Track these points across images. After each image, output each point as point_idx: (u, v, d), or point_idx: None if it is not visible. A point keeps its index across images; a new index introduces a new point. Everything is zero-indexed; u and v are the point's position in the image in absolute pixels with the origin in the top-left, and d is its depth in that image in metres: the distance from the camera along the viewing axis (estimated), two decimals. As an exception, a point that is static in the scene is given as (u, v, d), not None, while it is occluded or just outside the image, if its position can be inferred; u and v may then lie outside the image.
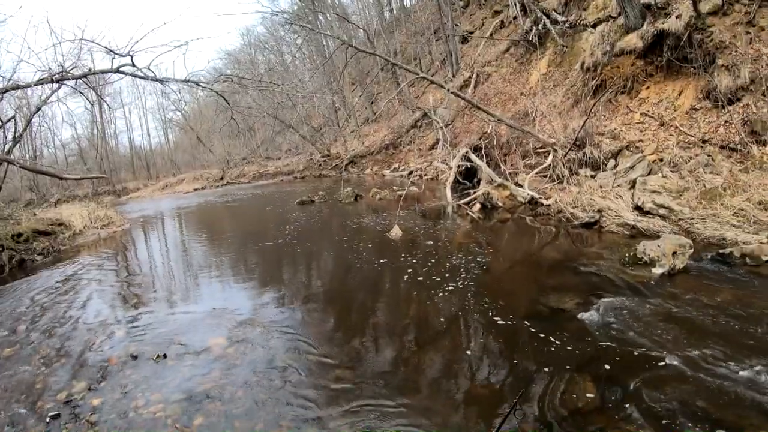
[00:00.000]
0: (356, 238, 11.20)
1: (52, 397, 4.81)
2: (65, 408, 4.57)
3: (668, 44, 12.20)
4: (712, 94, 11.07)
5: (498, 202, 12.11)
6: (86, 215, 17.88)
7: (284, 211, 17.30)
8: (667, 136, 11.53)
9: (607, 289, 6.10)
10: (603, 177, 11.15)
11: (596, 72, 14.59)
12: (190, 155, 61.67)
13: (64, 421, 4.36)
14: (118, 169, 55.45)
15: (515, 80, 22.57)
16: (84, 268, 11.18)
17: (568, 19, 19.50)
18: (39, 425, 4.35)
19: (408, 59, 37.23)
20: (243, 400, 4.40)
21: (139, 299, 8.25)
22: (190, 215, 22.49)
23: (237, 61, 61.56)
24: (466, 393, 4.21)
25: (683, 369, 4.12)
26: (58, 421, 4.37)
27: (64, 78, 11.48)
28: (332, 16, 41.25)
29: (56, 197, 34.60)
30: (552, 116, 15.39)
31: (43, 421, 4.39)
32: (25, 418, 4.50)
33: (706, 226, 7.73)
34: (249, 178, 41.94)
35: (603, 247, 7.98)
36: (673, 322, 5.00)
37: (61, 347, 6.27)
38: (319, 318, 6.58)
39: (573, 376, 4.19)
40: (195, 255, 12.19)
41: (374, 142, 32.74)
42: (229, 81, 19.31)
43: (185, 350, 5.66)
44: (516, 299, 6.23)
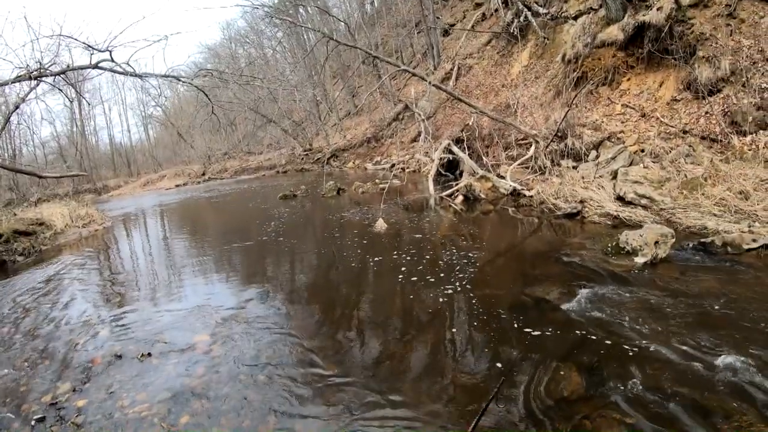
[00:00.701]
0: (339, 231, 11.15)
1: (37, 400, 4.74)
2: (50, 410, 4.51)
3: (649, 36, 12.24)
4: (692, 86, 11.13)
5: (480, 194, 12.10)
6: (67, 214, 17.63)
7: (267, 206, 17.21)
8: (648, 127, 11.58)
9: (590, 279, 6.11)
10: (585, 168, 11.16)
11: (577, 64, 14.61)
12: (171, 151, 61.21)
13: (49, 423, 4.30)
14: (98, 167, 55.00)
15: (497, 72, 22.57)
16: (66, 268, 11.03)
17: (550, 11, 19.49)
18: (25, 429, 4.29)
19: (389, 52, 37.15)
20: (229, 397, 4.36)
21: (123, 298, 8.16)
22: (172, 212, 22.32)
23: (217, 56, 61.27)
24: (452, 384, 4.18)
25: (666, 356, 4.13)
26: (43, 424, 4.31)
27: (43, 75, 11.26)
28: (313, 9, 40.99)
29: (36, 196, 34.07)
30: (534, 108, 15.41)
31: (28, 425, 4.33)
32: (11, 421, 4.43)
33: (687, 216, 7.77)
34: (231, 173, 41.73)
35: (585, 237, 7.99)
36: (655, 310, 5.01)
37: (45, 349, 6.17)
38: (304, 312, 6.51)
39: (557, 365, 4.18)
40: (177, 252, 12.07)
41: (356, 136, 32.66)
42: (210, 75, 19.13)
43: (170, 348, 5.60)
44: (500, 290, 6.20)
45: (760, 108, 9.53)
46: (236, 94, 34.67)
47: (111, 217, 20.54)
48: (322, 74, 40.88)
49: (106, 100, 70.72)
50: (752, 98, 9.73)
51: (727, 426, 3.29)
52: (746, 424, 3.28)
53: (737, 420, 3.32)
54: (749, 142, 9.36)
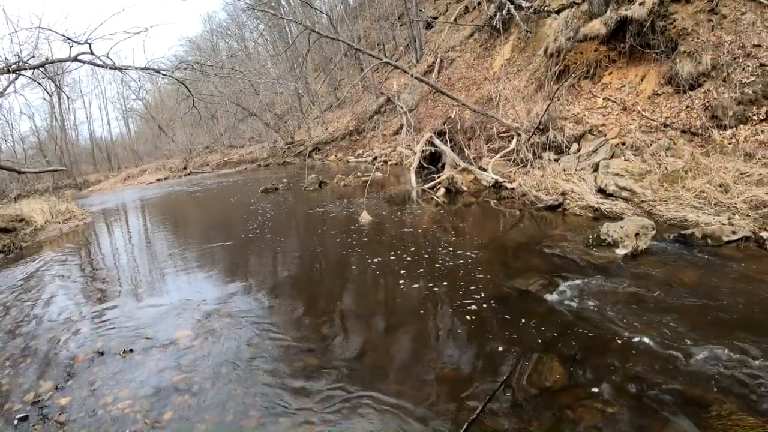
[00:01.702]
0: (322, 225, 11.09)
1: (20, 399, 4.68)
2: (33, 409, 4.47)
3: (631, 30, 12.29)
4: (674, 80, 11.19)
5: (462, 187, 12.10)
6: (47, 210, 17.44)
7: (248, 200, 17.06)
8: (629, 121, 11.62)
9: (571, 271, 6.11)
10: (566, 160, 11.18)
11: (560, 57, 14.64)
12: (152, 145, 60.64)
13: (32, 422, 4.26)
14: (78, 162, 54.05)
15: (479, 65, 22.58)
16: (47, 265, 10.85)
17: (532, 5, 19.52)
18: (7, 428, 4.25)
19: (372, 45, 37.03)
20: (212, 392, 4.34)
21: (104, 294, 8.05)
22: (153, 206, 22.08)
23: (198, 48, 60.73)
24: (435, 376, 4.17)
25: (647, 346, 4.16)
26: (26, 422, 4.27)
27: (21, 68, 11.09)
28: (295, 1, 40.81)
29: (16, 192, 33.57)
30: (516, 101, 15.42)
31: (11, 424, 4.29)
32: None
33: (668, 208, 7.80)
34: (212, 166, 41.35)
35: (567, 229, 7.99)
36: (636, 301, 5.04)
37: (27, 347, 6.08)
38: (287, 306, 6.45)
39: (540, 356, 4.19)
40: (159, 247, 11.91)
41: (338, 129, 32.56)
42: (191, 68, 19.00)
43: (152, 344, 5.55)
44: (482, 282, 6.17)
45: (740, 102, 9.59)
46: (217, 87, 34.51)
47: (92, 213, 20.30)
48: (304, 67, 40.65)
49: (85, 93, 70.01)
50: (733, 93, 9.79)
51: (707, 414, 3.31)
52: (726, 412, 3.31)
53: (717, 408, 3.35)
54: (729, 135, 9.43)
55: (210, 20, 61.86)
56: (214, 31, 61.06)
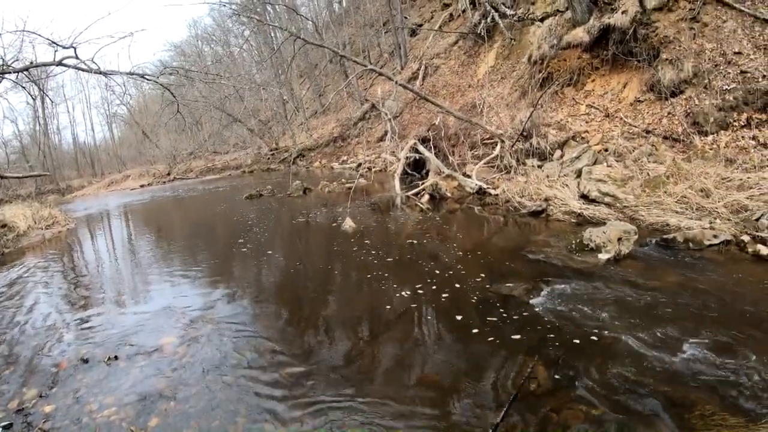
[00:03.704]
0: (306, 231, 11.08)
1: (3, 406, 4.60)
2: (17, 417, 4.39)
3: (614, 38, 12.42)
4: (655, 87, 11.31)
5: (446, 193, 12.11)
6: (30, 216, 17.15)
7: (233, 206, 16.99)
8: (612, 127, 11.72)
9: (555, 275, 6.13)
10: (550, 167, 11.23)
11: (543, 65, 14.76)
12: (135, 150, 60.13)
13: (17, 430, 4.21)
14: (61, 167, 53.52)
15: (463, 72, 22.69)
16: (30, 271, 10.69)
17: (517, 13, 19.66)
18: None
19: (357, 51, 37.08)
20: (198, 399, 4.29)
21: (88, 301, 7.94)
22: (137, 212, 21.93)
23: (183, 53, 60.63)
24: (420, 382, 4.17)
25: (631, 349, 4.20)
26: (10, 430, 4.21)
27: (5, 72, 10.98)
28: (281, 7, 40.69)
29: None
30: (499, 108, 15.52)
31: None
32: None
33: (650, 213, 7.85)
34: (196, 173, 41.13)
35: (550, 234, 8.02)
36: (619, 304, 5.07)
37: (10, 354, 5.98)
38: (272, 313, 6.43)
39: (525, 360, 4.20)
40: (143, 254, 11.80)
41: (323, 135, 32.53)
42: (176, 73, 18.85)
43: (137, 351, 5.47)
44: (466, 287, 6.16)
45: (721, 109, 9.70)
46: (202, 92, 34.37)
47: (75, 219, 20.06)
48: (288, 73, 40.59)
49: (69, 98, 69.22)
50: (714, 99, 9.90)
51: (690, 414, 3.34)
52: (709, 412, 3.34)
53: (700, 408, 3.39)
54: (710, 141, 9.54)
55: (195, 25, 61.79)
56: (200, 37, 61.10)
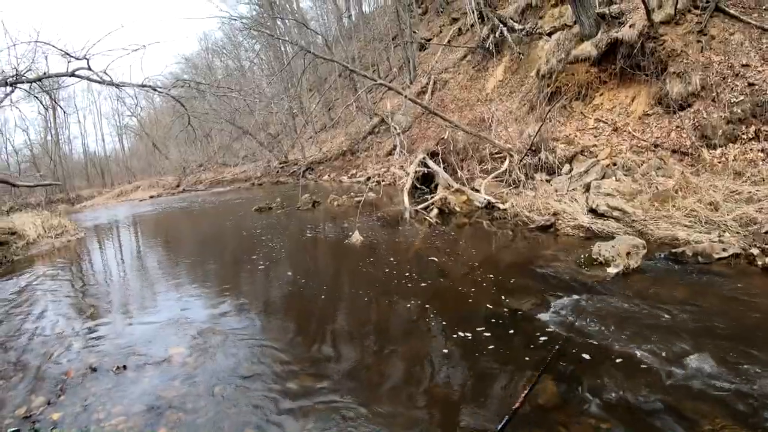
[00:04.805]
0: (315, 244, 11.10)
1: (11, 413, 4.61)
2: (24, 424, 4.38)
3: (622, 52, 12.44)
4: (664, 101, 11.32)
5: (455, 207, 12.11)
6: (40, 224, 17.29)
7: (242, 219, 17.08)
8: (620, 141, 11.73)
9: (563, 290, 6.12)
10: (558, 181, 11.25)
11: (551, 79, 14.80)
12: (145, 162, 60.62)
13: None
14: (72, 176, 53.93)
15: (472, 87, 22.77)
16: (38, 279, 10.77)
17: (525, 27, 19.77)
18: None
19: (366, 66, 37.26)
20: (206, 410, 4.29)
21: (97, 310, 7.96)
22: (146, 223, 22.03)
23: (194, 66, 61.05)
24: (428, 395, 4.16)
25: (640, 363, 4.17)
26: None
27: (18, 81, 11.11)
28: (291, 21, 41.09)
29: (8, 205, 33.44)
30: (508, 122, 15.55)
31: None
32: None
33: (658, 227, 7.83)
34: (206, 185, 41.38)
35: (559, 249, 8.02)
36: (628, 319, 5.05)
37: (18, 361, 6.01)
38: (280, 326, 6.44)
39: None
40: (152, 264, 11.88)
41: (332, 149, 32.65)
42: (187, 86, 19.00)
43: (145, 361, 5.48)
44: (475, 302, 6.17)
45: (729, 122, 9.70)
46: (212, 105, 34.59)
47: (84, 228, 20.14)
48: (298, 87, 40.83)
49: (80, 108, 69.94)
50: (722, 112, 9.90)
51: (699, 429, 3.33)
52: (718, 426, 3.33)
53: (710, 423, 3.37)
54: (719, 155, 9.53)
55: (206, 39, 62.28)
56: (210, 50, 61.59)
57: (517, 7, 21.37)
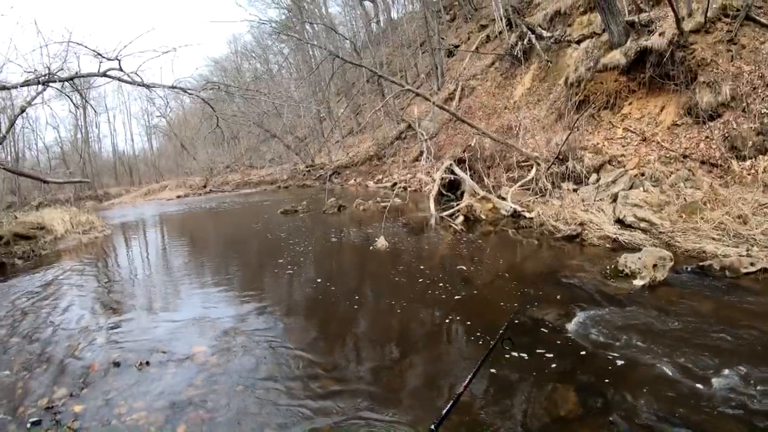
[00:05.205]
0: (339, 248, 11.20)
1: (33, 403, 4.71)
2: (46, 414, 4.47)
3: (651, 61, 12.39)
4: (693, 111, 11.24)
5: (481, 215, 12.11)
6: (68, 220, 17.62)
7: (267, 221, 17.23)
8: (648, 151, 11.67)
9: (588, 301, 6.11)
10: (585, 191, 11.22)
11: (580, 87, 14.76)
12: (173, 162, 61.23)
13: (45, 427, 4.28)
14: (100, 174, 54.72)
15: (500, 94, 22.75)
16: (65, 274, 11.03)
17: (553, 35, 19.72)
18: (19, 431, 4.29)
19: (394, 71, 37.35)
20: (227, 409, 4.33)
21: (121, 306, 8.15)
22: (172, 222, 22.32)
23: (223, 69, 61.67)
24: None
25: (664, 377, 4.14)
26: (39, 427, 4.29)
27: (51, 80, 11.31)
28: (320, 26, 41.35)
29: (38, 201, 34.08)
30: (535, 130, 15.52)
31: (23, 427, 4.29)
32: (5, 423, 4.41)
33: (686, 239, 7.80)
34: (232, 186, 41.72)
35: (585, 259, 8.01)
36: (653, 331, 5.01)
37: (42, 353, 6.14)
38: (303, 328, 6.51)
39: (555, 386, 4.17)
40: (177, 263, 12.08)
41: (358, 153, 32.73)
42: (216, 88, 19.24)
43: (168, 358, 5.56)
44: (498, 310, 6.21)
45: (759, 133, 9.62)
46: (241, 108, 34.90)
47: (111, 225, 20.47)
48: (327, 91, 41.06)
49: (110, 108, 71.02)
50: (752, 123, 9.82)
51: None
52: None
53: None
54: (748, 166, 9.45)
55: (235, 42, 62.72)
56: (239, 53, 62.19)
57: (545, 15, 21.30)
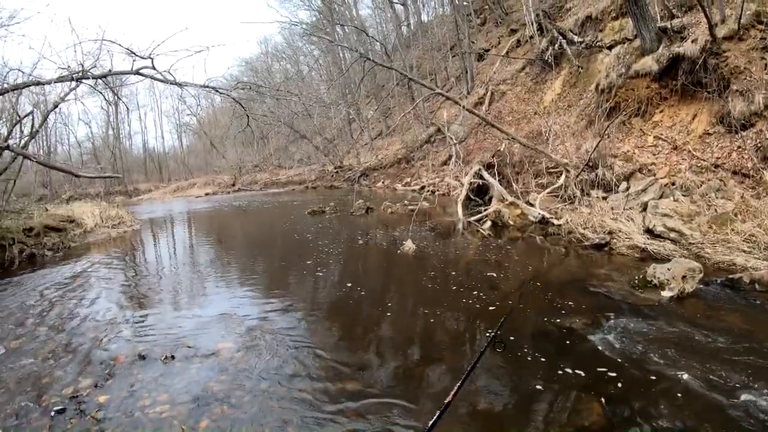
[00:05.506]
0: (366, 250, 11.30)
1: (58, 392, 4.86)
2: (71, 403, 4.60)
3: (683, 68, 12.27)
4: (725, 119, 11.11)
5: (509, 221, 12.14)
6: (98, 214, 18.11)
7: (295, 221, 17.46)
8: (679, 160, 11.57)
9: (616, 311, 6.11)
10: (614, 199, 11.18)
11: (611, 94, 14.66)
12: (202, 160, 62.10)
13: (69, 416, 4.39)
14: (130, 170, 55.76)
15: (530, 99, 22.67)
16: (93, 266, 11.36)
17: (585, 40, 19.61)
18: (43, 419, 4.38)
19: (423, 75, 37.42)
20: (250, 405, 4.40)
21: (148, 300, 8.36)
22: (200, 220, 22.65)
23: (254, 69, 62.30)
24: (471, 409, 4.17)
25: (690, 390, 4.13)
26: (63, 415, 4.40)
27: (85, 77, 11.56)
28: (350, 28, 41.54)
29: (68, 194, 34.82)
30: (565, 136, 15.47)
31: (47, 415, 4.42)
32: (30, 411, 4.52)
33: (716, 251, 7.75)
34: (260, 185, 42.21)
35: (613, 268, 8.00)
36: (680, 344, 5.00)
37: (69, 343, 6.33)
38: (328, 328, 6.58)
39: (580, 395, 4.18)
40: (204, 259, 12.31)
41: (387, 156, 32.83)
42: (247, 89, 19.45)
43: (194, 353, 5.68)
44: (524, 317, 6.23)
45: (793, 145, 9.51)
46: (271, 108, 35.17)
47: (140, 221, 20.91)
48: (357, 93, 41.23)
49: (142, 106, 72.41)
50: (786, 134, 9.71)
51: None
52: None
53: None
54: (781, 178, 9.35)
55: (266, 43, 63.46)
56: (270, 54, 62.85)
57: (576, 20, 21.19)
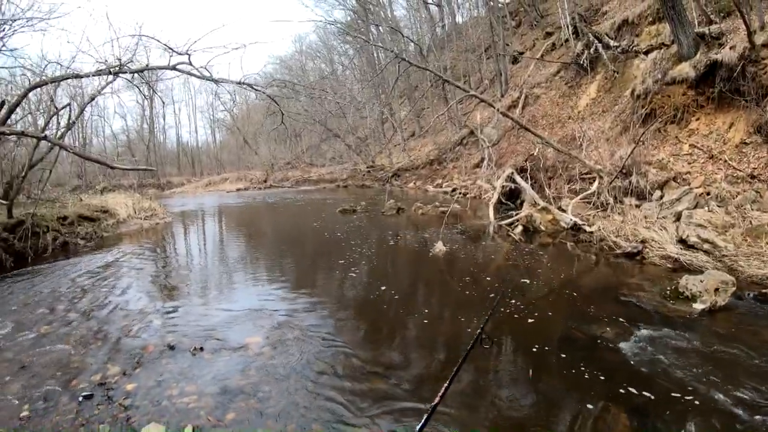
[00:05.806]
0: (396, 251, 11.43)
1: (87, 378, 5.01)
2: (99, 390, 4.75)
3: (721, 75, 12.12)
4: (763, 129, 10.98)
5: (540, 226, 12.15)
6: (130, 205, 18.72)
7: (325, 219, 17.66)
8: (715, 170, 11.46)
9: (646, 321, 6.09)
10: (648, 207, 11.11)
11: (646, 100, 14.53)
12: (235, 155, 63.17)
13: (96, 402, 4.52)
14: (163, 164, 57.28)
15: (564, 103, 22.53)
16: (125, 256, 11.73)
17: (621, 45, 19.41)
18: (71, 403, 4.51)
19: (457, 76, 37.39)
20: (276, 400, 4.47)
21: (178, 291, 8.62)
22: (232, 214, 23.03)
23: (288, 68, 62.97)
24: (497, 412, 4.23)
25: (719, 405, 4.11)
26: (90, 401, 4.53)
27: (122, 71, 11.86)
28: (385, 28, 41.66)
29: (102, 185, 35.60)
30: (599, 142, 15.36)
31: (75, 400, 4.55)
32: (59, 395, 4.68)
33: (750, 264, 7.68)
34: (292, 182, 42.65)
35: (644, 278, 7.97)
36: (711, 358, 4.97)
37: (99, 330, 6.55)
38: (356, 327, 6.68)
39: (606, 405, 4.20)
40: (234, 254, 12.60)
41: (419, 157, 32.93)
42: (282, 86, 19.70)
43: (222, 346, 5.83)
44: (552, 324, 6.29)
45: (832, 158, 9.37)
46: (304, 106, 35.49)
47: (172, 213, 21.45)
48: (391, 93, 41.33)
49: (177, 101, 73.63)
50: (825, 147, 9.57)
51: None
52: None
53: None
54: (819, 191, 9.22)
55: (300, 41, 63.95)
56: (304, 53, 63.40)
57: (613, 24, 20.97)
